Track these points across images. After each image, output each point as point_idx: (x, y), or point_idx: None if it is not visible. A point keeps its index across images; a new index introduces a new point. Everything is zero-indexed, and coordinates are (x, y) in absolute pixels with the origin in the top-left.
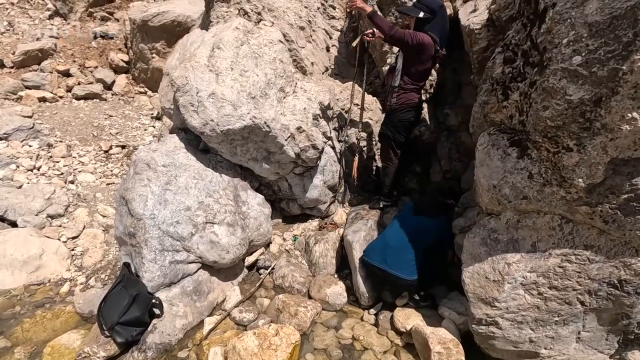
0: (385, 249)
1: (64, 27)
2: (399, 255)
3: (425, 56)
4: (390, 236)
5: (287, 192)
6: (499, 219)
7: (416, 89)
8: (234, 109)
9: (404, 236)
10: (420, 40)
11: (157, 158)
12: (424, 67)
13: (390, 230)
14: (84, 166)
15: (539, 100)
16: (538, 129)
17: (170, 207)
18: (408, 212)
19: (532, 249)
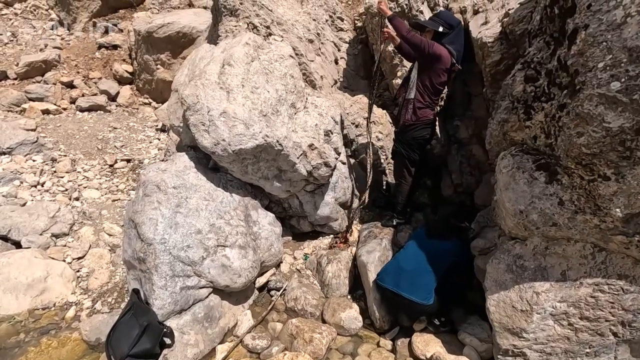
0: (399, 272)
1: (67, 38)
2: (414, 278)
3: (440, 68)
4: (404, 259)
5: (297, 210)
6: (525, 245)
7: (431, 104)
8: (246, 128)
9: (418, 260)
10: (437, 50)
11: (167, 179)
12: (439, 79)
13: (404, 254)
14: (88, 181)
15: (572, 125)
16: (571, 155)
17: (181, 231)
18: (421, 236)
19: (562, 278)
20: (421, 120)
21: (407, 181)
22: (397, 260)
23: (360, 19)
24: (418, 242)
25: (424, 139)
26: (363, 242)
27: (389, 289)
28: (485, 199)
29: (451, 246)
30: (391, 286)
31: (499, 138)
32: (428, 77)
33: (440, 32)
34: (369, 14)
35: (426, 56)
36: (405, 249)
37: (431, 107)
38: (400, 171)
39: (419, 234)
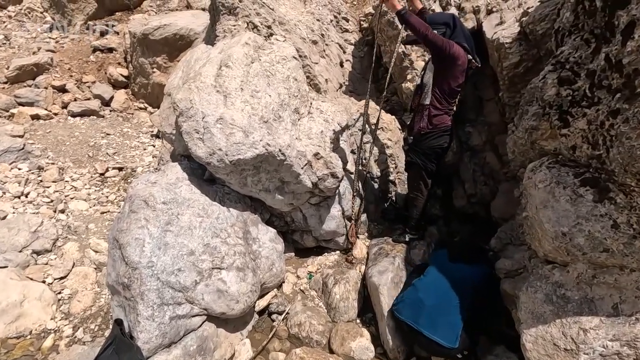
0: (419, 306)
1: (61, 41)
2: (437, 316)
3: (458, 69)
4: (424, 290)
5: (301, 224)
6: (567, 272)
7: (448, 110)
8: (245, 136)
9: (441, 291)
10: (457, 50)
11: (156, 194)
12: (456, 82)
13: (425, 282)
14: (76, 192)
15: (634, 135)
16: (631, 170)
17: (171, 252)
18: (443, 259)
19: (614, 312)
20: (438, 127)
21: (423, 194)
22: (417, 289)
23: (366, 20)
24: (439, 268)
25: (442, 147)
26: (373, 260)
27: (408, 323)
28: (503, 211)
29: (476, 272)
30: (410, 321)
31: (525, 147)
32: (446, 81)
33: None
34: (377, 13)
35: (446, 57)
36: (425, 275)
37: (448, 112)
38: (415, 184)
39: (439, 257)
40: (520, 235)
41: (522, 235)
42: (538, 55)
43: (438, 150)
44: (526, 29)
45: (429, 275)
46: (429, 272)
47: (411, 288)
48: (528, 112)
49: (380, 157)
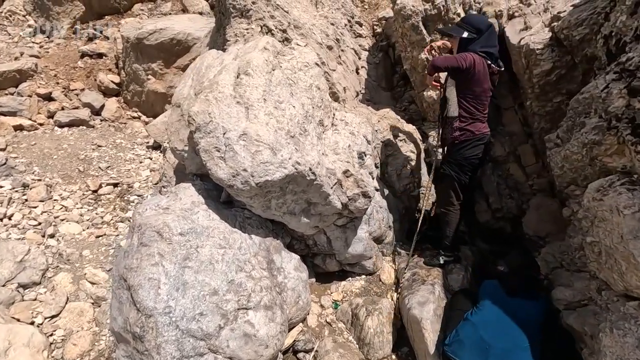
0: (484, 348)
1: (46, 46)
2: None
3: (478, 76)
4: (484, 327)
5: (324, 247)
6: None
7: (481, 117)
8: (273, 154)
9: (507, 331)
10: (469, 62)
11: (171, 224)
12: (480, 87)
13: (482, 318)
14: (67, 212)
15: None
16: None
17: (191, 293)
18: (498, 293)
19: None
20: (473, 135)
21: (456, 209)
22: (475, 327)
23: (380, 24)
24: (496, 302)
25: (478, 157)
26: (409, 288)
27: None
28: (537, 228)
29: (538, 306)
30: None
31: (581, 163)
32: (469, 89)
33: (467, 38)
34: (400, 17)
35: (464, 72)
36: (481, 310)
37: (481, 119)
38: (447, 198)
39: (491, 288)
40: (576, 260)
41: (578, 261)
42: (572, 62)
43: (474, 161)
44: (559, 34)
45: (485, 310)
46: (485, 307)
47: (467, 324)
48: (585, 124)
49: (403, 172)
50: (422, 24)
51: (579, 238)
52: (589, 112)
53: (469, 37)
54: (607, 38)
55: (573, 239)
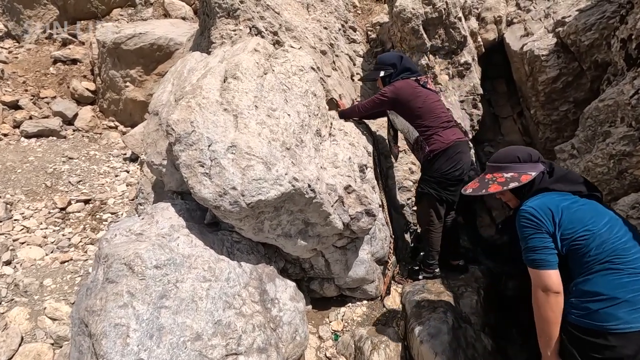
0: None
1: (15, 51)
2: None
3: (411, 97)
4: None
5: (322, 271)
6: None
7: (443, 124)
8: (267, 169)
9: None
10: (393, 92)
11: (145, 254)
12: (421, 100)
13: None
14: (28, 234)
15: None
16: None
17: (168, 340)
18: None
19: None
20: (446, 144)
21: (436, 228)
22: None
23: (374, 30)
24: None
25: (456, 169)
26: (417, 316)
27: None
28: None
29: None
30: None
31: (606, 176)
32: (414, 109)
33: (385, 75)
34: (399, 20)
35: (393, 102)
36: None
37: (446, 126)
38: (426, 217)
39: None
40: None
41: None
42: (579, 68)
43: (454, 173)
44: (566, 39)
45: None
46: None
47: None
48: (610, 134)
49: (405, 184)
50: (423, 28)
51: None
52: (614, 121)
53: (386, 74)
54: (625, 42)
55: None
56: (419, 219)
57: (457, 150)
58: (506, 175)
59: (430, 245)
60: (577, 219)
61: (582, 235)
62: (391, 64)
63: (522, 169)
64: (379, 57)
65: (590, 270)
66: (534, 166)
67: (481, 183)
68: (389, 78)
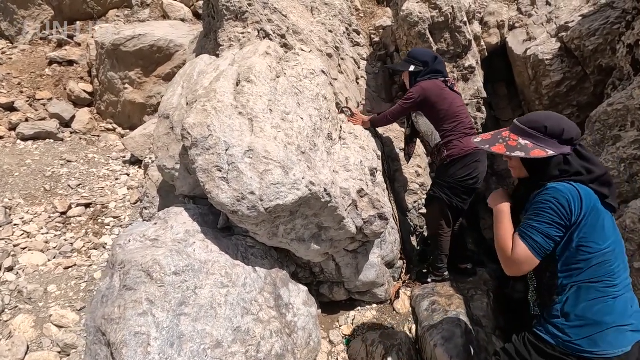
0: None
1: (9, 52)
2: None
3: (439, 98)
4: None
5: (332, 275)
6: None
7: (466, 131)
8: (285, 173)
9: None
10: (421, 94)
11: (163, 260)
12: (447, 104)
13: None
14: (29, 240)
15: None
16: None
17: (189, 348)
18: None
19: None
20: (465, 151)
21: (446, 233)
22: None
23: (377, 33)
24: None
25: (471, 177)
26: (428, 320)
27: None
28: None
29: None
30: None
31: (616, 180)
32: (441, 111)
33: (415, 72)
34: (405, 24)
35: (421, 104)
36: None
37: (468, 133)
38: (435, 222)
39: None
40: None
41: None
42: (583, 73)
43: (468, 182)
44: (570, 44)
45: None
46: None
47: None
48: (620, 138)
49: (412, 187)
50: (429, 32)
51: None
52: (624, 125)
53: (415, 70)
54: (631, 47)
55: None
56: (428, 223)
57: (474, 159)
58: (521, 141)
59: (439, 249)
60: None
61: (590, 247)
62: (424, 61)
63: (542, 143)
64: (413, 51)
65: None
66: (559, 147)
67: (493, 137)
68: (417, 75)
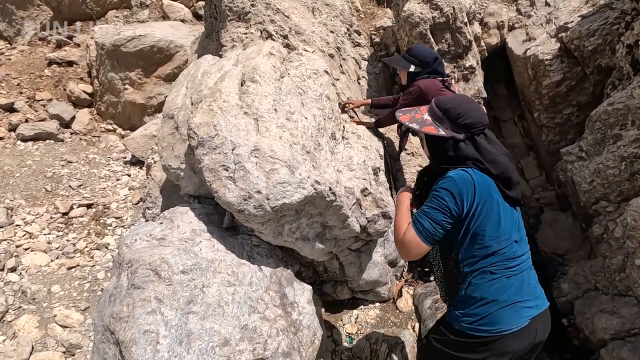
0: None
1: (8, 53)
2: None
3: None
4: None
5: (336, 274)
6: None
7: None
8: (291, 173)
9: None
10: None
11: (171, 259)
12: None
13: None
14: (32, 240)
15: None
16: None
17: (197, 346)
18: None
19: None
20: None
21: None
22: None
23: (378, 34)
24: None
25: None
26: (432, 318)
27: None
28: (553, 245)
29: None
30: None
31: (617, 178)
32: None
33: (414, 72)
34: (407, 24)
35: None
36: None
37: None
38: None
39: None
40: (617, 282)
41: (619, 284)
42: (582, 73)
43: None
44: (569, 45)
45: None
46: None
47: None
48: (621, 137)
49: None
50: (430, 32)
51: (618, 259)
52: (624, 124)
53: (415, 71)
54: (631, 47)
55: (611, 259)
56: None
57: None
58: (425, 116)
59: None
60: (493, 216)
61: (485, 236)
62: (425, 62)
63: (439, 122)
64: (415, 49)
65: (478, 272)
66: (452, 130)
67: (412, 109)
68: (415, 75)
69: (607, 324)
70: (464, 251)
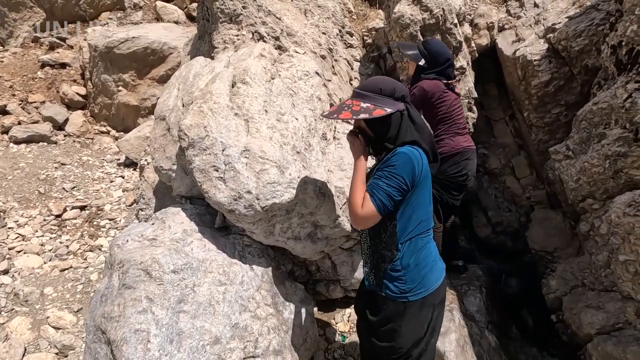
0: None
1: (0, 55)
2: None
3: (439, 99)
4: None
5: (328, 273)
6: None
7: (458, 130)
8: (280, 173)
9: None
10: (420, 92)
11: (162, 259)
12: (444, 104)
13: None
14: (25, 242)
15: None
16: None
17: (188, 345)
18: None
19: None
20: (455, 149)
21: (436, 228)
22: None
23: (370, 35)
24: None
25: (461, 175)
26: None
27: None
28: (543, 243)
29: None
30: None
31: (602, 176)
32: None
33: (422, 67)
34: (397, 26)
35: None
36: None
37: (459, 132)
38: None
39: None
40: (602, 278)
41: (605, 279)
42: (570, 73)
43: (458, 179)
44: (557, 45)
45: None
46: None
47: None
48: (605, 136)
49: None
50: (421, 34)
51: (604, 255)
52: (608, 123)
53: (423, 65)
54: (615, 48)
55: (597, 255)
56: None
57: (465, 157)
58: (363, 104)
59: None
60: (426, 187)
61: (421, 206)
62: (437, 61)
63: (380, 102)
64: (433, 44)
65: (411, 239)
66: (394, 104)
67: (339, 107)
68: (423, 71)
69: (593, 319)
70: (403, 222)
